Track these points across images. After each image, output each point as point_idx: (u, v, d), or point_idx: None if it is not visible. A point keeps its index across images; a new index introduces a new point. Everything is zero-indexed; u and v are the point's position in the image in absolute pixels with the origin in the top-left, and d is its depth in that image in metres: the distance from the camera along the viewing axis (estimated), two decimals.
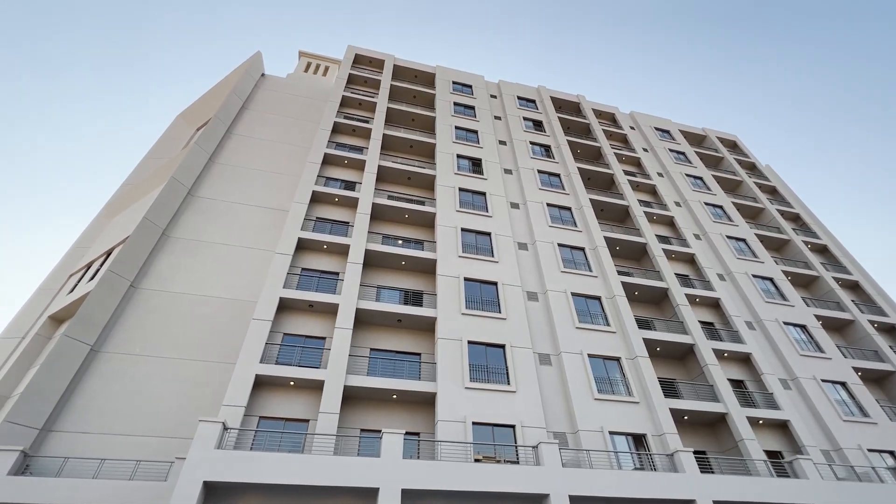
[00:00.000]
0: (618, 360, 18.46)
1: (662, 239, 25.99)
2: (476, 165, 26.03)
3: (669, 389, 18.31)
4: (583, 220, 24.63)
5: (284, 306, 17.19)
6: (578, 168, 28.41)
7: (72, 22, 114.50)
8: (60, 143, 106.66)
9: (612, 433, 15.98)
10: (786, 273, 26.30)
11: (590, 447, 15.17)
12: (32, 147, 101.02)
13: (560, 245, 22.66)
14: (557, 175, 27.49)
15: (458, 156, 26.02)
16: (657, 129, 36.92)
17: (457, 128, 28.19)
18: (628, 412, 16.70)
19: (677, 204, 29.23)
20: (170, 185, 20.72)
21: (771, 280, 25.16)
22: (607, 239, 23.95)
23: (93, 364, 15.68)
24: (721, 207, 29.81)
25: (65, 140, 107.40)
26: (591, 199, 26.13)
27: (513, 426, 15.24)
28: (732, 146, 39.27)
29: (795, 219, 32.35)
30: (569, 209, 25.27)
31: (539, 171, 27.11)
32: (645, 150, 34.02)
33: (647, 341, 19.34)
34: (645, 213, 26.82)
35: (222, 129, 25.53)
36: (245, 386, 14.21)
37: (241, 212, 22.03)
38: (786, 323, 22.64)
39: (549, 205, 24.92)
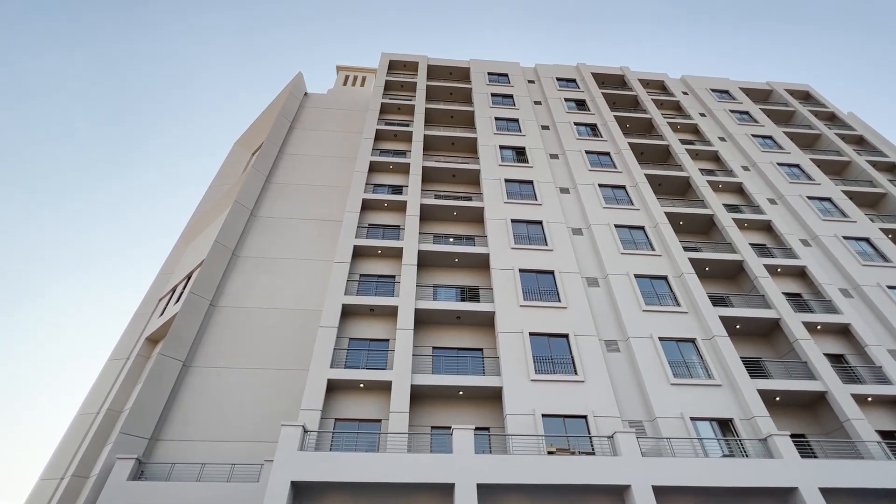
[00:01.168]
0: (693, 341, 17.33)
1: (731, 208, 24.03)
2: (520, 154, 25.55)
3: (755, 369, 16.88)
4: (639, 197, 23.37)
5: (347, 312, 17.89)
6: (629, 143, 26.99)
7: (135, 76, 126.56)
8: (136, 183, 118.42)
9: (693, 419, 15.02)
10: (885, 231, 23.29)
11: (670, 435, 14.37)
12: (112, 187, 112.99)
13: (617, 226, 21.66)
14: (607, 154, 26.29)
15: (501, 147, 25.67)
16: (713, 90, 34.19)
17: (497, 119, 27.82)
18: (710, 396, 15.62)
19: (745, 168, 26.89)
20: (234, 209, 22.27)
21: (867, 240, 22.41)
22: (668, 214, 22.55)
23: (186, 378, 17.23)
24: (797, 166, 27.03)
25: (139, 179, 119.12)
26: (646, 175, 24.73)
27: (584, 417, 14.80)
28: (805, 97, 35.46)
29: (891, 169, 28.57)
30: (623, 188, 24.08)
31: (587, 152, 26.08)
32: (702, 114, 31.64)
33: (724, 319, 17.97)
34: (708, 182, 24.93)
35: (275, 150, 27.02)
36: (319, 390, 14.99)
37: (300, 226, 23.19)
38: (890, 287, 20.07)
39: (601, 185, 23.91)
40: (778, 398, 16.28)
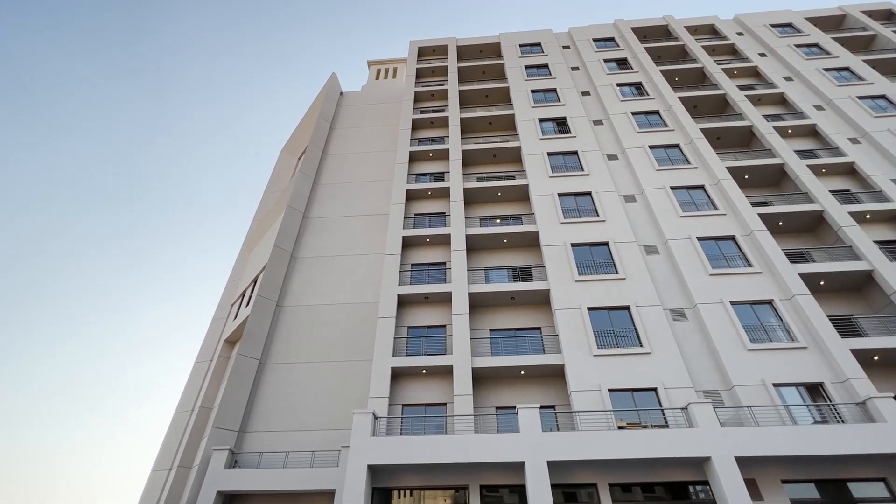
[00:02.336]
0: (770, 302, 16.07)
1: (805, 154, 21.77)
2: (561, 125, 24.60)
3: (847, 328, 15.39)
4: (696, 154, 21.77)
5: (403, 302, 18.34)
6: (680, 98, 25.12)
7: (192, 100, 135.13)
8: (199, 201, 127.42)
9: (777, 385, 14.00)
10: None
11: (750, 403, 13.51)
12: (177, 208, 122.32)
13: (673, 188, 20.37)
14: (656, 112, 24.65)
15: (540, 119, 24.86)
16: (774, 25, 30.80)
17: (533, 91, 26.90)
18: (794, 360, 14.46)
19: (819, 108, 24.15)
20: (288, 213, 23.36)
21: None
22: (731, 169, 20.84)
23: (263, 375, 18.54)
24: (883, 97, 23.86)
25: (200, 197, 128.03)
26: (702, 129, 22.96)
27: (654, 389, 14.27)
28: (887, 17, 31.02)
29: None
30: (677, 146, 22.52)
31: (633, 114, 24.60)
32: (762, 54, 28.69)
33: (805, 276, 16.47)
34: (775, 128, 22.70)
35: (318, 153, 27.89)
36: (384, 379, 15.58)
37: (349, 223, 23.89)
38: None
39: (651, 147, 22.52)
40: (876, 357, 14.76)
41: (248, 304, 21.49)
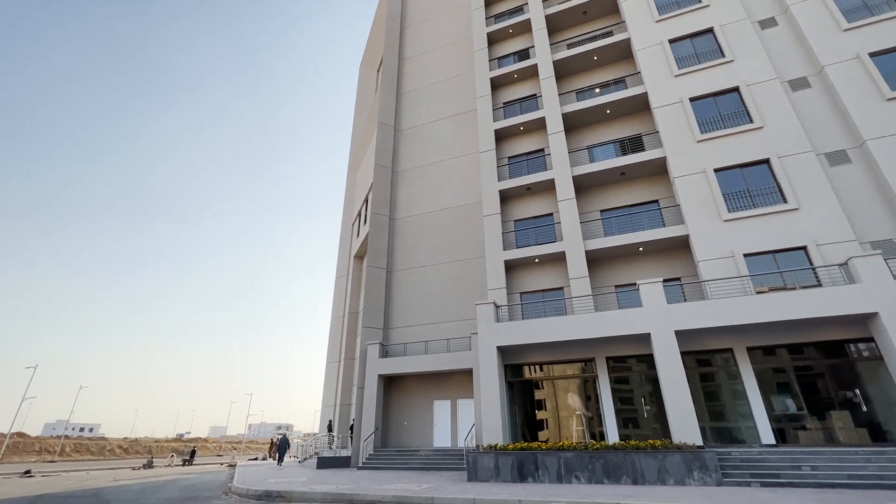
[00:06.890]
0: None
1: None
2: None
3: None
4: None
5: (505, 197, 18.29)
6: None
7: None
8: (307, 143, 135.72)
9: None
10: None
11: None
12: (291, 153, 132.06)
13: None
14: None
15: None
16: None
17: None
18: None
19: None
20: (380, 130, 23.85)
21: None
22: None
23: (392, 281, 20.83)
24: None
25: (304, 145, 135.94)
26: None
27: (803, 248, 12.65)
28: None
29: None
30: None
31: None
32: None
33: None
34: None
35: (395, 60, 26.99)
36: (499, 272, 16.38)
37: (440, 127, 23.57)
38: None
39: None
40: None
41: (364, 221, 23.56)
